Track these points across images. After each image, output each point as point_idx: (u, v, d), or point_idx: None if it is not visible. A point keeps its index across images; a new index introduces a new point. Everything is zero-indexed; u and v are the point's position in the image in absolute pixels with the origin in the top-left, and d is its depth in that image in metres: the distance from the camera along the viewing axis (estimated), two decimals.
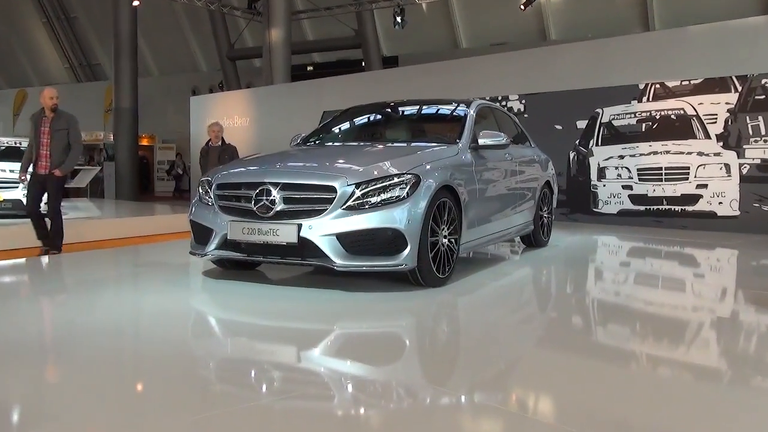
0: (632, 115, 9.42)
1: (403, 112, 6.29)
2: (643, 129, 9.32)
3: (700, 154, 8.81)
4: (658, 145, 9.15)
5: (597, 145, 9.73)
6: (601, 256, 7.24)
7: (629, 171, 9.41)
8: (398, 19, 18.13)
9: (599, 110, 9.70)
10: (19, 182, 7.70)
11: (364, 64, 21.39)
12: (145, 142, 24.05)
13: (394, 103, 6.36)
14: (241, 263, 4.88)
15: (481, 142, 5.15)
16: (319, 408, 2.43)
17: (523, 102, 10.61)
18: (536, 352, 3.33)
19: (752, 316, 4.19)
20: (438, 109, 6.28)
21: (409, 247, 4.12)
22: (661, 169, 9.12)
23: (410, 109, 6.31)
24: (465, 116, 5.44)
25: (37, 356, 3.09)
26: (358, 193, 4.11)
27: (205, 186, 4.67)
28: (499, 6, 20.14)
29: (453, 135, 5.24)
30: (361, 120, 6.37)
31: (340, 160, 4.65)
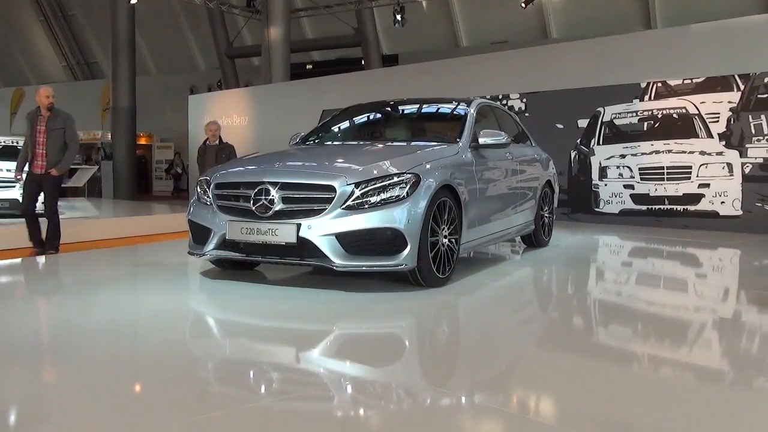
0: (634, 114, 9.39)
1: (402, 111, 6.26)
2: (644, 128, 9.29)
3: (702, 153, 8.78)
4: (660, 144, 9.11)
5: (598, 144, 9.70)
6: (602, 256, 7.22)
7: (631, 170, 9.38)
8: (398, 17, 18.11)
9: (601, 109, 9.67)
10: (16, 181, 7.66)
11: (363, 62, 21.37)
12: (143, 141, 24.04)
13: (394, 101, 6.32)
14: (240, 263, 4.85)
15: (481, 141, 5.12)
16: (319, 409, 2.41)
17: (524, 101, 10.58)
18: (537, 352, 3.31)
19: (754, 316, 4.17)
20: (438, 108, 6.25)
21: (408, 247, 4.09)
22: (663, 168, 9.08)
23: (410, 108, 6.28)
24: (465, 115, 5.41)
25: (34, 357, 3.06)
26: (357, 192, 4.08)
27: (204, 185, 4.65)
28: (499, 4, 20.12)
29: (453, 134, 5.22)
30: (360, 119, 6.34)
31: (340, 160, 4.63)
